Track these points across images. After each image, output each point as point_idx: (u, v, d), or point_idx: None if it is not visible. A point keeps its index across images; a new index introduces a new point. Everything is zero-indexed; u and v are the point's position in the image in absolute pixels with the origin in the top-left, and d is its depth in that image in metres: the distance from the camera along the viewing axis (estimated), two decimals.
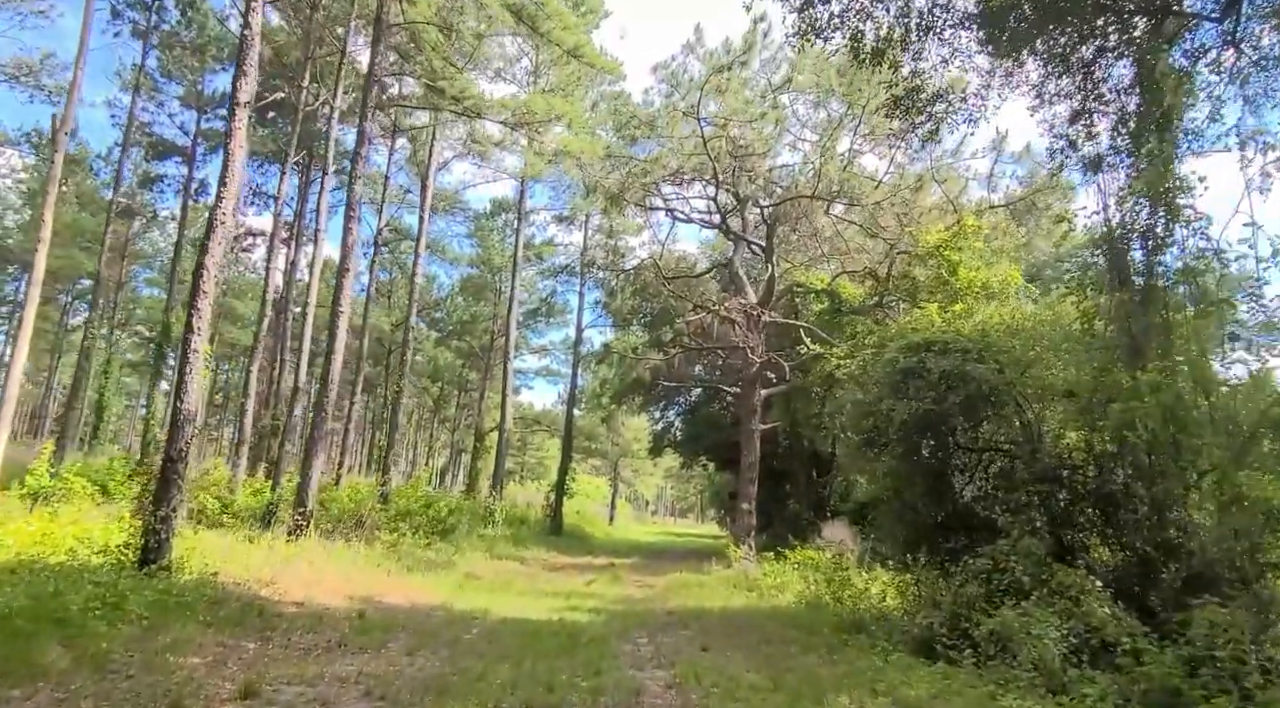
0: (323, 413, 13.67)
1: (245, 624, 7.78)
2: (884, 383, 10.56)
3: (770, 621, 11.17)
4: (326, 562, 12.04)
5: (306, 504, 13.43)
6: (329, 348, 13.87)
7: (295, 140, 23.39)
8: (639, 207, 20.65)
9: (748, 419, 20.25)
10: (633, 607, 12.63)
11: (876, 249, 21.61)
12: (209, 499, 17.14)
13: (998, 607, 7.62)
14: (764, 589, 14.43)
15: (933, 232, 13.91)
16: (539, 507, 34.54)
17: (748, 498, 19.82)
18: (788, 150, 19.30)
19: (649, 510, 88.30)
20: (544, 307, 39.66)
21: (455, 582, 13.56)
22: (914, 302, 13.77)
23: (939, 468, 10.46)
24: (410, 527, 18.83)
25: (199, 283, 9.20)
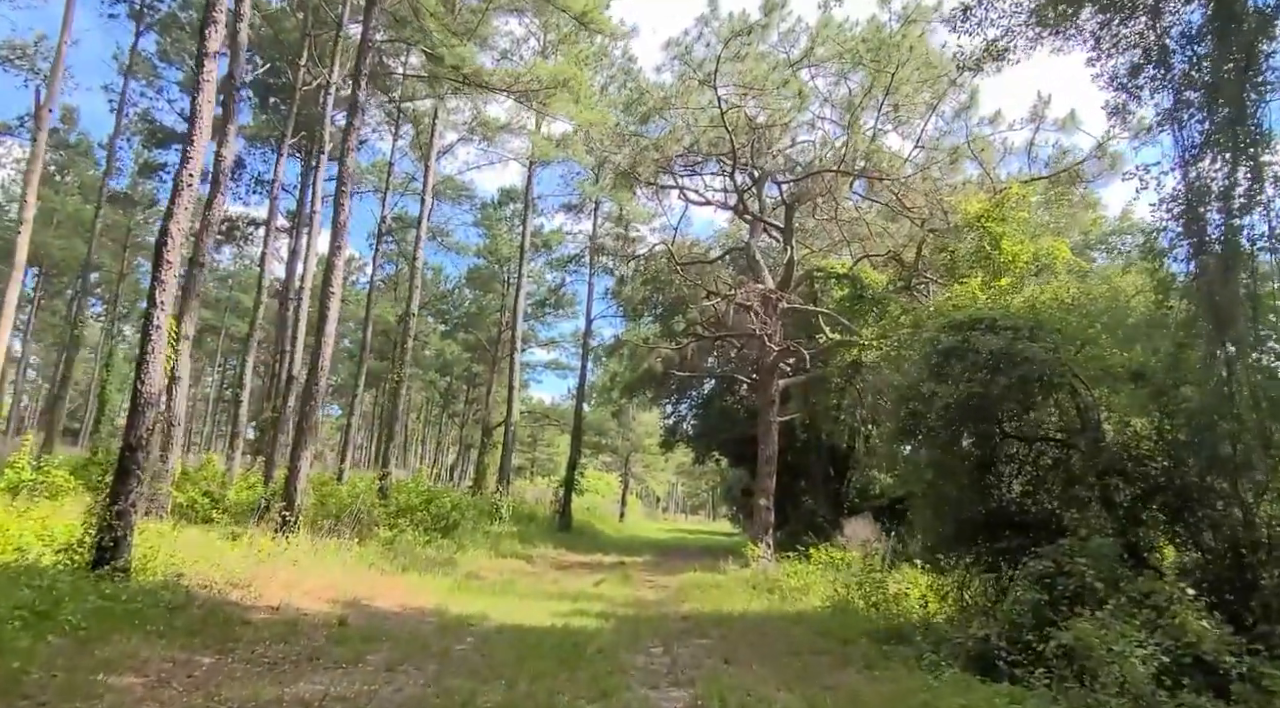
0: (312, 402, 12.76)
1: (205, 634, 6.83)
2: (923, 365, 9.53)
3: (796, 627, 10.17)
4: (313, 561, 11.12)
5: (295, 499, 12.53)
6: (319, 330, 12.95)
7: (292, 121, 22.46)
8: (651, 186, 19.62)
9: (765, 411, 19.22)
10: (645, 610, 11.65)
11: (900, 232, 20.54)
12: (197, 495, 16.32)
13: (1066, 617, 6.59)
14: (786, 591, 13.43)
15: (973, 201, 12.87)
16: (548, 503, 33.63)
17: (765, 494, 18.81)
18: (807, 128, 18.25)
19: (659, 507, 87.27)
20: (552, 298, 38.68)
21: (454, 583, 12.62)
22: (953, 277, 12.73)
23: (984, 459, 9.43)
24: (410, 523, 17.96)
25: (162, 252, 8.25)
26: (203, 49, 8.84)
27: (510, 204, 38.52)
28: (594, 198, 29.28)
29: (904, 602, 10.03)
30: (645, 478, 66.58)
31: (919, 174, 16.04)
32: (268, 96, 30.73)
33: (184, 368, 14.70)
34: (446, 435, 68.33)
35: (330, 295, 12.90)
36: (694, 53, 16.66)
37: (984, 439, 9.38)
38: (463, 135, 26.92)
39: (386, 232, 30.75)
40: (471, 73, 14.33)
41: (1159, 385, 8.10)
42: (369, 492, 18.66)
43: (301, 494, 12.63)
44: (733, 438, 30.20)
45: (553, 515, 30.04)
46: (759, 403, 20.16)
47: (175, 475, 15.09)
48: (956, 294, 10.85)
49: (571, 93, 14.87)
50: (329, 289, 12.94)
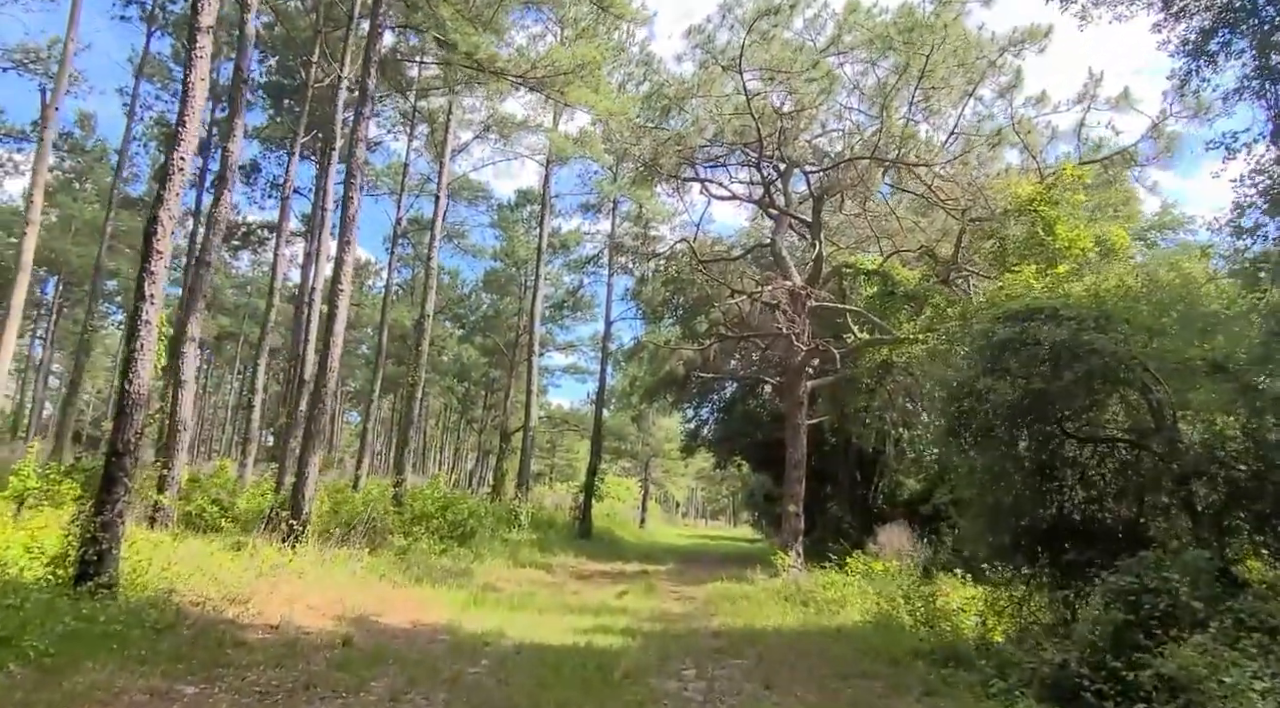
0: (320, 404, 12.15)
1: (192, 659, 6.18)
2: (976, 359, 8.74)
3: (837, 644, 9.40)
4: (320, 573, 10.48)
5: (302, 507, 11.91)
6: (327, 330, 12.34)
7: (305, 120, 21.97)
8: (673, 179, 18.90)
9: (793, 413, 18.43)
10: (672, 626, 10.90)
11: (933, 226, 19.71)
12: (206, 503, 15.78)
13: (1160, 641, 5.79)
14: (820, 603, 12.64)
15: (1023, 185, 12.04)
16: (567, 509, 32.95)
17: (794, 500, 18.01)
18: (835, 118, 17.42)
19: (679, 513, 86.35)
20: (570, 300, 38.01)
21: (470, 595, 11.92)
22: (1002, 266, 11.91)
23: (1044, 462, 8.60)
24: (426, 531, 17.33)
25: (151, 242, 7.64)
26: (195, 24, 8.24)
27: (527, 206, 37.97)
28: (612, 197, 28.60)
29: (955, 618, 9.21)
30: (665, 483, 65.79)
31: (958, 160, 15.20)
32: (281, 98, 30.42)
33: (190, 371, 14.19)
34: (465, 442, 67.93)
35: (339, 294, 12.29)
36: (716, 40, 15.97)
37: (1044, 440, 8.55)
38: (478, 133, 26.37)
39: (402, 234, 30.26)
40: (485, 59, 13.69)
41: (1246, 379, 7.28)
42: (382, 499, 18.06)
43: (309, 502, 12.01)
44: (756, 442, 29.40)
45: (572, 522, 29.36)
46: (786, 405, 19.37)
47: (182, 483, 14.55)
48: (1009, 283, 10.07)
49: (590, 81, 14.21)
50: (338, 286, 12.33)
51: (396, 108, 32.10)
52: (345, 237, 12.53)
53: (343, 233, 12.63)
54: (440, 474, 26.93)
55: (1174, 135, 13.21)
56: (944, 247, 18.66)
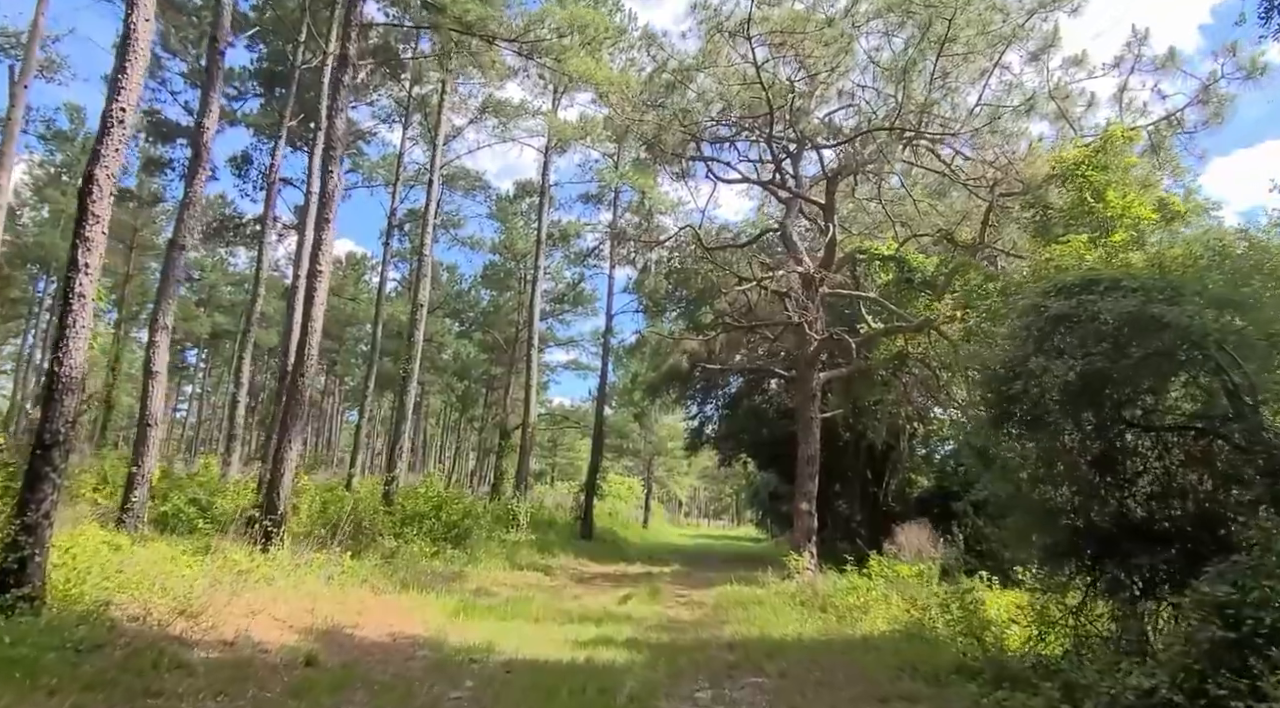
0: (297, 394, 11.17)
1: (118, 685, 5.21)
2: (1024, 338, 7.75)
3: (866, 657, 8.41)
4: (292, 580, 9.51)
5: (278, 506, 10.93)
6: (305, 314, 11.37)
7: (292, 99, 21.00)
8: (677, 158, 17.88)
9: (805, 407, 17.43)
10: (681, 635, 9.92)
11: (952, 209, 18.70)
12: (182, 503, 14.85)
13: (1274, 664, 4.80)
14: (840, 610, 11.65)
15: (1068, 149, 11.07)
16: (568, 509, 32.02)
17: (807, 497, 17.02)
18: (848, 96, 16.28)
19: (682, 512, 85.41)
20: (571, 293, 37.01)
21: (459, 602, 10.96)
22: (1046, 238, 10.93)
23: (1103, 453, 7.63)
24: (418, 533, 16.38)
25: (86, 203, 6.66)
26: None
27: (526, 198, 37.01)
28: (614, 186, 27.64)
29: (997, 629, 8.22)
30: (668, 482, 64.76)
31: (985, 129, 14.19)
32: (274, 86, 29.43)
33: (162, 362, 13.21)
34: (466, 441, 67.07)
35: (317, 274, 11.32)
36: (723, 8, 14.95)
37: (1102, 428, 7.56)
38: (474, 118, 25.39)
39: (398, 226, 29.29)
40: (476, 22, 12.71)
41: None
42: (372, 498, 17.12)
43: (285, 500, 11.03)
44: (762, 439, 28.45)
45: (573, 522, 28.44)
46: (797, 399, 18.39)
47: (153, 482, 13.60)
48: (1058, 254, 9.08)
49: (589, 48, 13.23)
50: (316, 267, 11.36)
51: (391, 96, 31.21)
52: (324, 213, 11.55)
53: (321, 210, 11.65)
54: (435, 472, 25.96)
55: (1225, 97, 12.18)
56: (964, 230, 17.65)
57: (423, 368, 48.62)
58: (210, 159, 13.78)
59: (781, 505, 36.83)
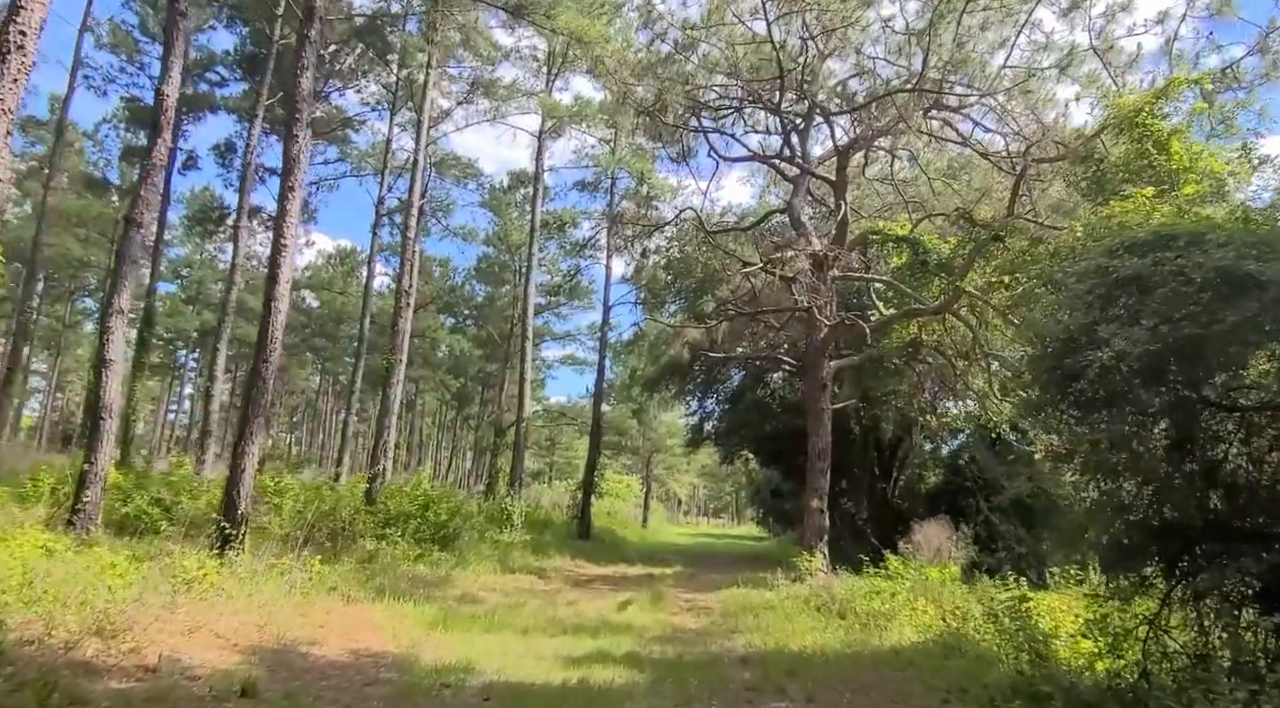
0: (260, 383, 10.04)
1: None
2: (1090, 302, 6.65)
3: (902, 675, 7.34)
4: (248, 589, 8.40)
5: (238, 506, 9.80)
6: (268, 294, 10.23)
7: (268, 79, 19.88)
8: (679, 130, 16.76)
9: (815, 397, 16.36)
10: (687, 648, 8.81)
11: (970, 187, 17.65)
12: (145, 503, 13.75)
13: None
14: (861, 617, 10.54)
15: (1126, 97, 10.00)
16: (565, 508, 30.95)
17: (818, 493, 15.95)
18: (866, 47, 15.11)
19: (681, 510, 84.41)
20: (567, 284, 35.85)
21: (440, 610, 9.85)
22: (1101, 194, 9.85)
23: (1183, 437, 6.55)
24: (403, 534, 15.28)
25: None
26: None
27: (521, 188, 35.91)
28: (611, 172, 26.54)
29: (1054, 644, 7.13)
30: (667, 480, 63.72)
31: (1017, 88, 13.08)
32: (255, 71, 28.31)
33: (117, 349, 12.10)
34: (464, 440, 66.00)
35: (281, 249, 10.19)
36: None
37: (1180, 408, 6.47)
38: (462, 99, 24.26)
39: (386, 215, 28.14)
40: None
41: None
42: (353, 497, 16.02)
43: (246, 500, 9.90)
44: (765, 434, 27.36)
45: (570, 521, 27.35)
46: (806, 389, 17.31)
47: (112, 481, 12.50)
48: (1121, 210, 7.99)
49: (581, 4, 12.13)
50: (280, 241, 10.23)
51: (380, 82, 30.11)
52: (288, 182, 10.43)
53: (285, 178, 10.52)
54: (424, 470, 24.86)
55: None
56: (982, 209, 16.58)
57: (416, 364, 47.67)
58: (171, 129, 12.61)
59: (783, 503, 35.77)
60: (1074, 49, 12.40)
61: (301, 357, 60.37)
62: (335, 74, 29.80)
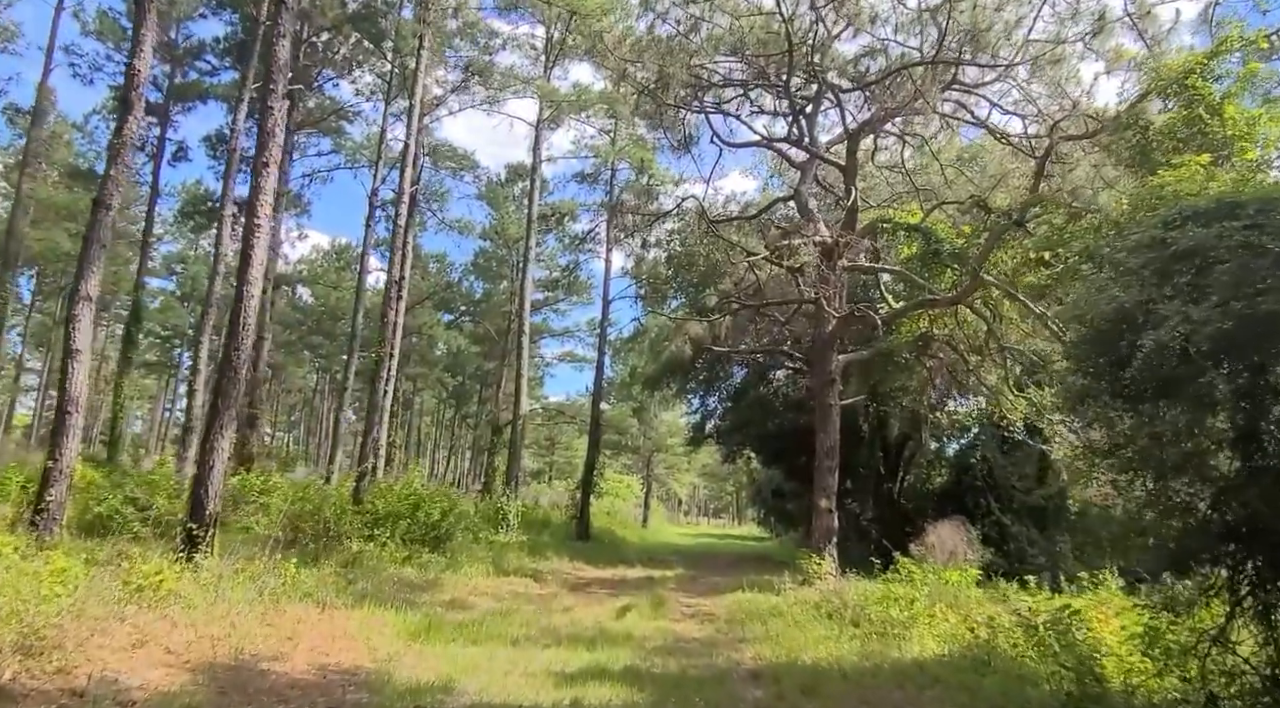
0: (231, 372, 9.33)
1: None
2: (1141, 280, 5.94)
3: (929, 694, 6.63)
4: (213, 597, 7.68)
5: (205, 506, 9.08)
6: (240, 276, 9.50)
7: (254, 61, 19.15)
8: (682, 110, 16.02)
9: (823, 392, 15.65)
10: (692, 661, 8.10)
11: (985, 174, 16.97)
12: (118, 503, 13.04)
13: None
14: (876, 624, 9.81)
15: (1171, 59, 9.28)
16: (564, 507, 30.24)
17: (826, 493, 15.25)
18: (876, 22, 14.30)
19: (681, 510, 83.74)
20: (565, 278, 35.09)
21: (425, 618, 9.13)
22: (1144, 165, 9.13)
23: (1251, 428, 5.83)
24: (392, 535, 14.57)
25: None
26: None
27: (518, 182, 35.22)
28: (610, 162, 25.84)
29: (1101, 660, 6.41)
30: (667, 480, 63.07)
31: (1044, 58, 12.32)
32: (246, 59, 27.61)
33: (84, 338, 11.34)
34: (462, 440, 65.31)
35: (255, 230, 9.47)
36: None
37: (1249, 395, 5.75)
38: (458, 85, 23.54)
39: (380, 206, 27.40)
40: None
41: None
42: (339, 496, 15.30)
43: (215, 499, 9.17)
44: (768, 433, 26.66)
45: (569, 521, 26.65)
46: (814, 384, 16.60)
47: (72, 478, 11.78)
48: (1175, 179, 7.28)
49: None
50: (254, 221, 9.51)
51: (375, 71, 29.42)
52: (263, 157, 9.70)
53: (259, 152, 9.80)
54: (417, 468, 24.14)
55: None
56: (998, 196, 15.89)
57: (413, 362, 46.95)
58: (142, 104, 11.93)
59: (785, 503, 35.08)
60: (1104, 16, 11.68)
61: (299, 355, 59.68)
62: (328, 63, 29.13)
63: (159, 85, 29.35)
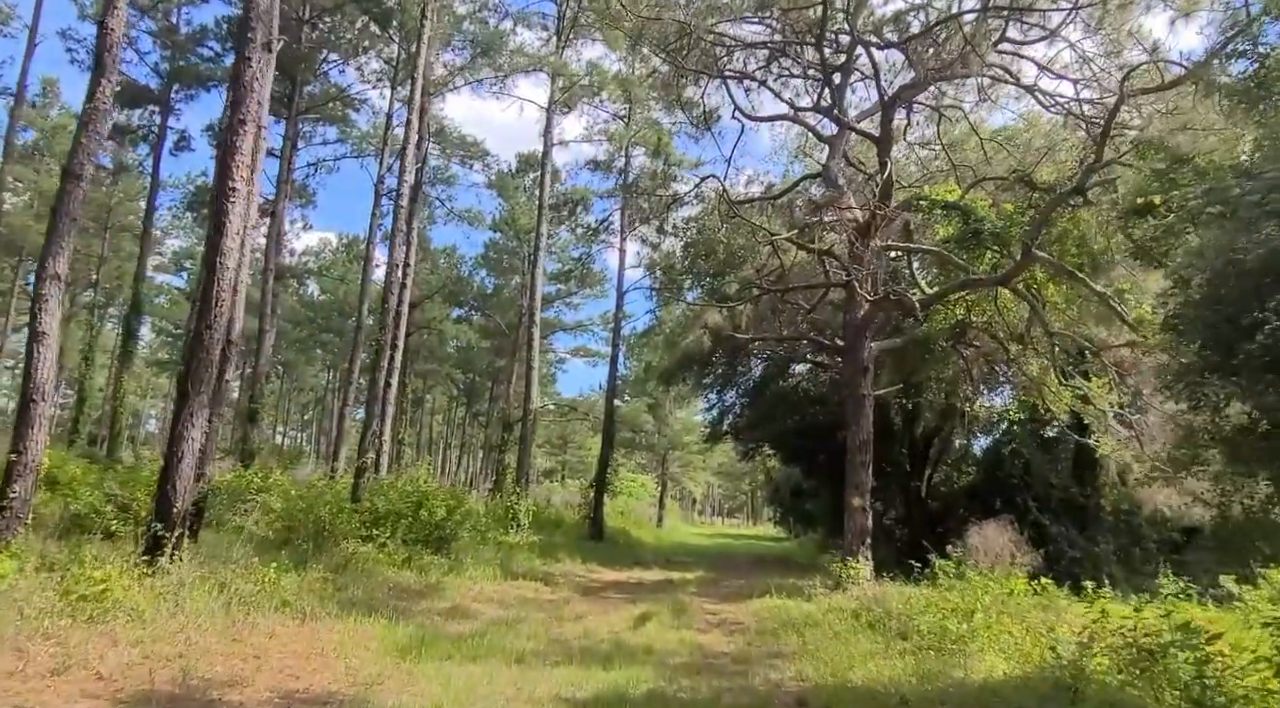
0: (203, 354, 8.27)
1: None
2: None
3: None
4: (170, 608, 6.66)
5: (173, 504, 8.05)
6: (209, 245, 8.46)
7: None
8: (703, 75, 14.88)
9: (855, 382, 14.51)
10: (724, 682, 7.00)
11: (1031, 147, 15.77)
12: (97, 500, 12.07)
13: None
14: (926, 637, 8.69)
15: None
16: (576, 507, 29.22)
17: (860, 490, 14.10)
18: None
19: (695, 510, 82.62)
20: (578, 269, 34.01)
21: (419, 629, 8.08)
22: (1268, 101, 7.97)
23: None
24: (390, 534, 13.57)
25: None
26: None
27: (529, 172, 34.17)
28: (625, 147, 24.80)
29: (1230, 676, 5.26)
30: (681, 479, 61.93)
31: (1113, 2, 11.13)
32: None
33: (52, 321, 10.36)
34: (474, 438, 64.40)
35: (229, 195, 8.44)
36: None
37: None
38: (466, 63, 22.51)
39: (386, 194, 26.46)
40: None
41: None
42: (335, 494, 14.30)
43: (185, 496, 8.14)
44: (788, 429, 25.55)
45: (582, 521, 25.65)
46: (845, 373, 15.46)
47: (39, 472, 10.82)
48: None
49: None
50: (228, 186, 8.47)
51: (382, 57, 28.52)
52: (239, 113, 8.67)
53: (235, 109, 8.76)
54: (422, 464, 23.17)
55: None
56: (1044, 171, 14.71)
57: (423, 358, 46.05)
58: (113, 68, 10.89)
59: (804, 502, 33.93)
60: None
61: (311, 353, 58.99)
62: (333, 46, 28.22)
63: (159, 72, 28.57)
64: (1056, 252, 12.68)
